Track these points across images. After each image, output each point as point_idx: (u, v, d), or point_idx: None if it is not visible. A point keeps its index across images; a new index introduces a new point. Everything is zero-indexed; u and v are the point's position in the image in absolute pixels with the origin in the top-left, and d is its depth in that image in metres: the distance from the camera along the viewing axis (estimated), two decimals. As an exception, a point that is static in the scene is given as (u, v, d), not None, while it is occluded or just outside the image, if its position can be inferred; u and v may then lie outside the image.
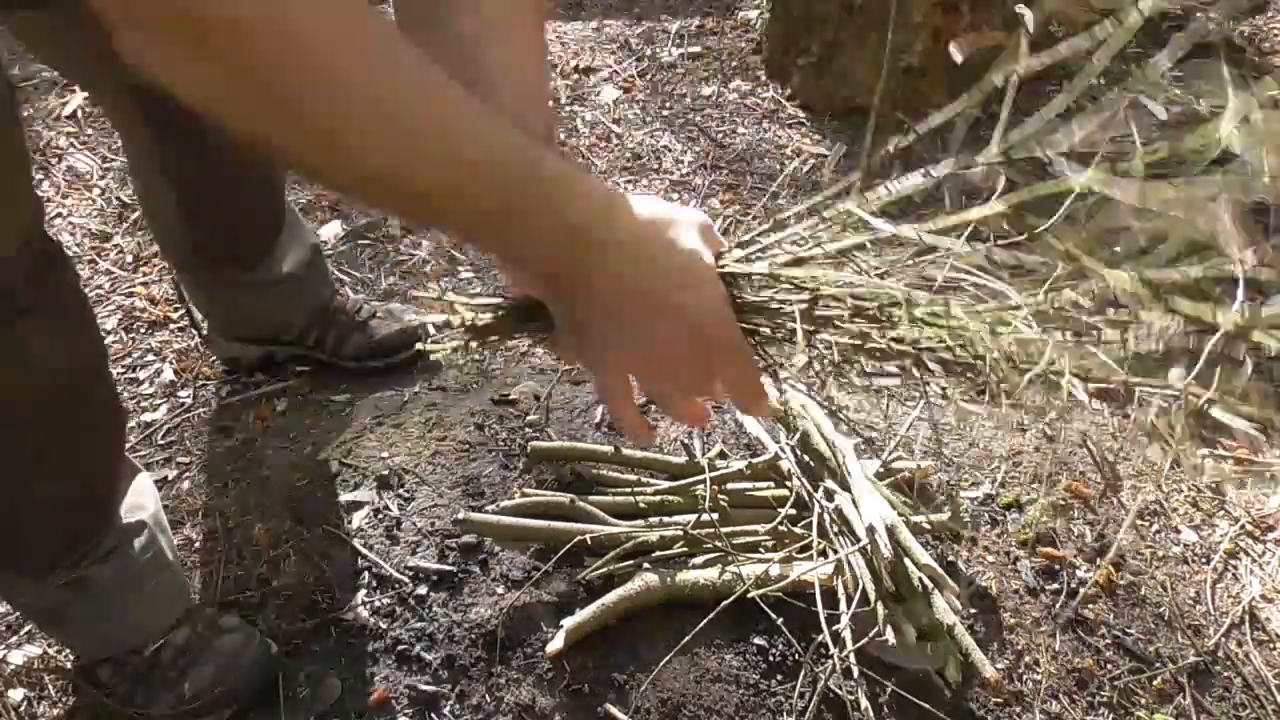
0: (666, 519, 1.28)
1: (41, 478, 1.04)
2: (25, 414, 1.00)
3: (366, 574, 1.28)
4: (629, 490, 1.34)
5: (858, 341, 0.65)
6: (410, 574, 1.27)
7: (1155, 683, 1.25)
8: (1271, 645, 1.34)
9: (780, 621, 1.20)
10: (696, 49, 2.65)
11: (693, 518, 1.25)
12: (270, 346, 1.63)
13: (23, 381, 0.98)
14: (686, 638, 1.16)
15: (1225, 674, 1.28)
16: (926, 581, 1.18)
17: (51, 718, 1.23)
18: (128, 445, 1.33)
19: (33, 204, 0.97)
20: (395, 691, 1.17)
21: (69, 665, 1.26)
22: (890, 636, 1.15)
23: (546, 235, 0.63)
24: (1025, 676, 1.24)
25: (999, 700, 1.20)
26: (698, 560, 1.23)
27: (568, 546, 1.22)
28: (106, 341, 1.75)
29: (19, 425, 1.00)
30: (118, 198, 2.09)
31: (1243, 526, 1.48)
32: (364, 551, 1.30)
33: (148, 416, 1.61)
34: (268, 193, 1.47)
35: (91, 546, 1.11)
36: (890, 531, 1.18)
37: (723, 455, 1.41)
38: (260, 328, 1.59)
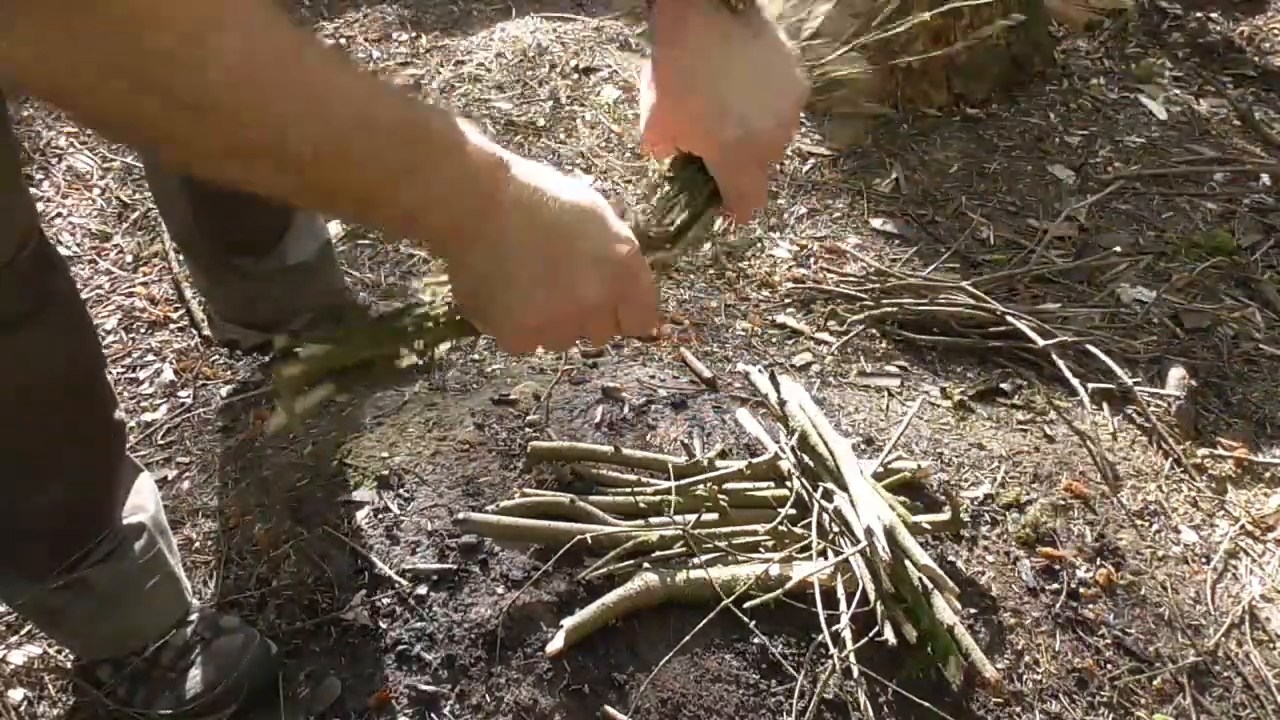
0: (666, 519, 1.28)
1: (39, 482, 1.04)
2: (22, 419, 1.00)
3: (366, 574, 1.28)
4: (629, 490, 1.33)
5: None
6: (410, 574, 1.27)
7: (1155, 683, 1.25)
8: (1271, 645, 1.34)
9: (780, 622, 1.20)
10: (696, 49, 2.64)
11: (693, 518, 1.25)
12: (272, 335, 1.62)
13: (19, 387, 0.98)
14: (686, 638, 1.16)
15: (1225, 674, 1.28)
16: (926, 582, 1.18)
17: (51, 718, 1.23)
18: (128, 445, 1.33)
19: (26, 212, 0.96)
20: (395, 691, 1.17)
21: (69, 665, 1.26)
22: (890, 636, 1.15)
23: (442, 189, 0.61)
24: (1025, 676, 1.24)
25: (999, 700, 1.20)
26: (698, 560, 1.23)
27: (567, 546, 1.22)
28: (106, 341, 1.75)
29: (16, 430, 1.00)
30: (118, 198, 2.09)
31: (1243, 526, 1.48)
32: (364, 552, 1.30)
33: (148, 416, 1.61)
34: None
35: (90, 549, 1.11)
36: (888, 533, 1.18)
37: (723, 455, 1.41)
38: (264, 315, 1.59)
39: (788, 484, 1.33)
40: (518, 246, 0.65)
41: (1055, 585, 1.33)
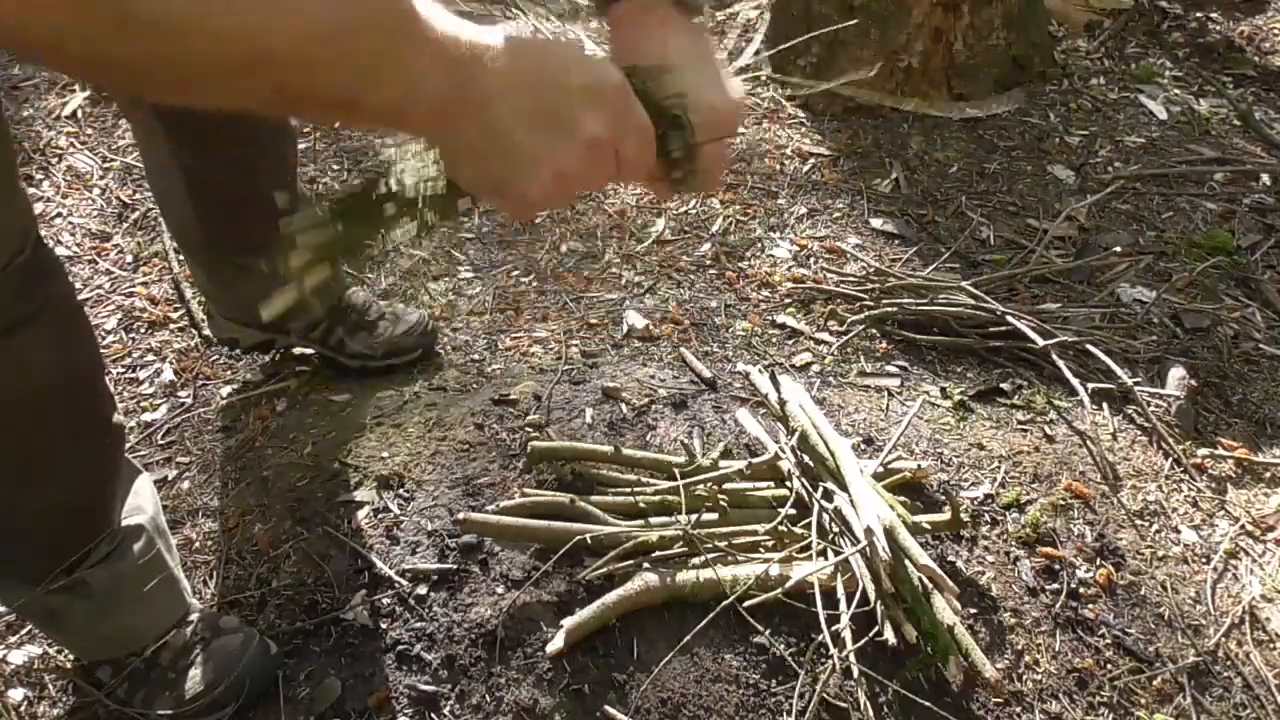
0: (666, 519, 1.28)
1: (38, 484, 1.04)
2: (21, 422, 1.00)
3: (366, 574, 1.28)
4: (629, 490, 1.33)
5: None
6: (410, 574, 1.27)
7: (1155, 683, 1.25)
8: (1271, 645, 1.34)
9: (780, 622, 1.19)
10: (696, 49, 2.64)
11: (693, 518, 1.25)
12: (272, 334, 1.62)
13: (18, 391, 0.98)
14: (686, 638, 1.16)
15: (1225, 674, 1.28)
16: (926, 582, 1.18)
17: (51, 718, 1.23)
18: (127, 445, 1.33)
19: (23, 215, 0.96)
20: (395, 691, 1.17)
21: (69, 665, 1.26)
22: (890, 636, 1.15)
23: (421, 78, 0.60)
24: (1025, 676, 1.24)
25: (999, 700, 1.20)
26: (697, 560, 1.23)
27: (567, 546, 1.22)
28: (106, 341, 1.75)
29: (15, 433, 1.00)
30: (118, 198, 2.09)
31: (1243, 526, 1.48)
32: (364, 552, 1.30)
33: (148, 416, 1.61)
34: (279, 180, 1.47)
35: (89, 550, 1.11)
36: (888, 533, 1.18)
37: (723, 455, 1.41)
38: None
39: (788, 484, 1.33)
40: (508, 110, 0.65)
41: (1055, 585, 1.33)
